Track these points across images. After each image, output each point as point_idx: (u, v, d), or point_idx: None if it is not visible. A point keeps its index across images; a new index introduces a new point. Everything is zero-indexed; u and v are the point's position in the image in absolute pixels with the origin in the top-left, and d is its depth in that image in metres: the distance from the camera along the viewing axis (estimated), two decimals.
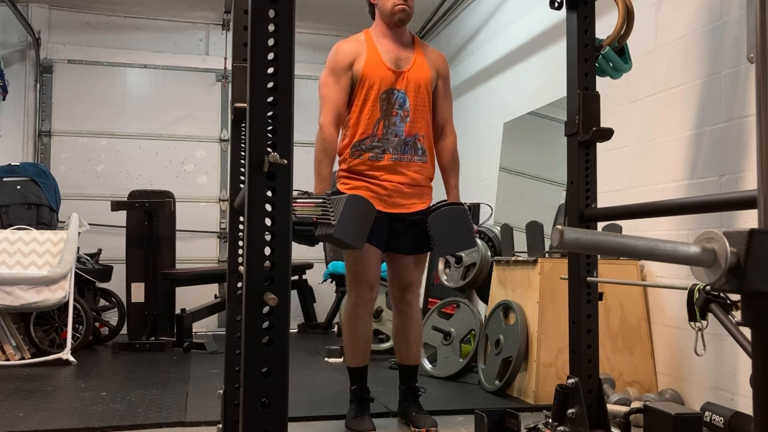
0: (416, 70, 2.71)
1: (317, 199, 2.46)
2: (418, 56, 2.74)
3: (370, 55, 2.68)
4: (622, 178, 3.43)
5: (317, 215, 2.41)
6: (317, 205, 2.44)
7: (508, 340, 3.32)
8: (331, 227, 2.37)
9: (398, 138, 2.66)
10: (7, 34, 6.00)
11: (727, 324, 1.37)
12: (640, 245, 1.10)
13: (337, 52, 2.72)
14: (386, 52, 2.70)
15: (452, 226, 2.56)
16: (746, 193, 1.66)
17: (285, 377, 1.24)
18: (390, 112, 2.65)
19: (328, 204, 2.43)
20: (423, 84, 2.70)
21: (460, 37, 5.88)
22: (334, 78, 2.68)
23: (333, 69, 2.69)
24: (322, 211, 2.41)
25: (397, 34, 2.73)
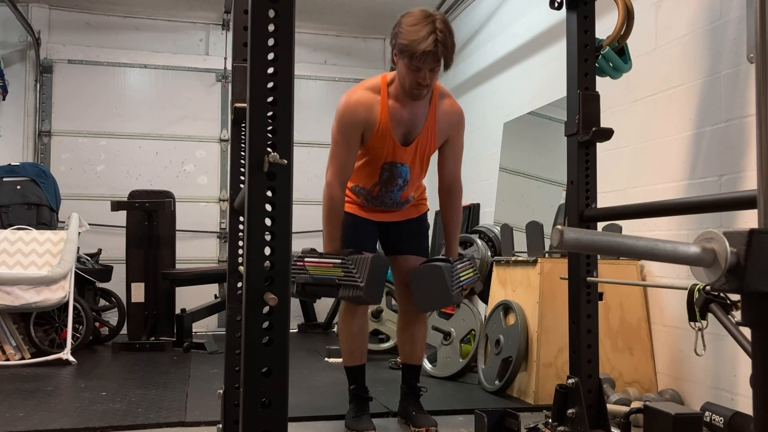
0: (423, 141, 2.62)
1: (335, 260, 2.44)
2: (429, 123, 2.60)
3: (382, 124, 2.54)
4: (622, 178, 3.43)
5: (339, 277, 2.41)
6: (336, 266, 2.42)
7: (508, 340, 3.32)
8: (359, 289, 2.38)
9: (392, 201, 2.72)
10: (7, 34, 6.00)
11: (727, 324, 1.37)
12: (640, 245, 1.10)
13: (349, 111, 2.54)
14: (397, 123, 2.56)
15: (429, 285, 2.53)
16: (746, 193, 1.66)
17: (285, 377, 1.24)
18: (390, 181, 2.66)
19: (349, 264, 2.42)
20: (426, 155, 2.68)
21: (460, 37, 5.88)
22: (344, 137, 2.54)
23: (344, 129, 2.54)
24: (344, 272, 2.41)
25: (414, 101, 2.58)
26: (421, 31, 2.37)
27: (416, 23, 2.39)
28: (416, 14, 2.42)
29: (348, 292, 2.41)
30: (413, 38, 2.37)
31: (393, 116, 2.55)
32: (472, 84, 5.60)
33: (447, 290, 2.50)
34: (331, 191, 2.54)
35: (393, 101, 2.56)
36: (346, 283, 2.40)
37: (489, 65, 5.29)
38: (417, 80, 2.44)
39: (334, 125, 2.57)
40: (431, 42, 2.36)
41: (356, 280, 2.39)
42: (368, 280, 2.39)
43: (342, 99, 2.58)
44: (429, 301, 2.58)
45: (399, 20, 2.46)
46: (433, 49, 2.37)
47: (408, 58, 2.40)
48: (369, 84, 2.60)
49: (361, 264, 2.41)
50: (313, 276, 2.43)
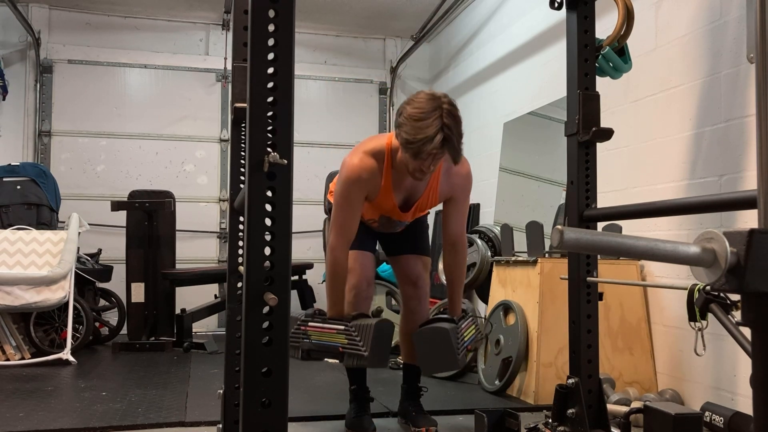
0: (423, 202, 2.61)
1: (338, 326, 2.41)
2: (431, 187, 2.57)
3: (383, 193, 2.53)
4: (622, 178, 3.43)
5: (343, 345, 2.38)
6: (339, 332, 2.40)
7: (508, 340, 3.32)
8: (363, 358, 2.35)
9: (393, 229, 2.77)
10: (7, 34, 5.99)
11: (727, 324, 1.37)
12: (640, 245, 1.10)
13: (353, 182, 2.47)
14: (399, 190, 2.55)
15: (436, 349, 2.47)
16: (746, 193, 1.66)
17: (285, 377, 1.24)
18: (389, 226, 2.72)
19: (353, 331, 2.38)
20: (425, 209, 2.69)
21: (460, 37, 5.88)
22: (348, 203, 2.48)
23: (347, 197, 2.48)
24: (348, 339, 2.38)
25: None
26: (428, 129, 2.22)
27: (422, 117, 2.24)
28: (422, 104, 2.27)
29: (352, 361, 2.37)
30: (419, 136, 2.23)
31: (395, 185, 2.53)
32: (472, 84, 5.60)
33: (453, 355, 2.44)
34: (335, 256, 2.48)
35: (395, 171, 2.50)
36: (350, 351, 2.37)
37: (489, 65, 5.29)
38: (421, 168, 2.34)
39: (338, 189, 2.50)
40: (438, 143, 2.23)
41: (360, 349, 2.35)
42: (372, 348, 2.34)
43: (346, 164, 2.50)
44: (434, 365, 2.52)
45: (404, 107, 2.32)
46: (440, 151, 2.26)
47: (412, 154, 2.29)
48: (372, 147, 2.51)
49: (364, 331, 2.36)
50: (315, 342, 2.41)
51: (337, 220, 2.50)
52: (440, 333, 2.47)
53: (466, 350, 2.56)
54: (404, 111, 2.31)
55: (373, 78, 6.77)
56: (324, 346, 2.40)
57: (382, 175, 2.50)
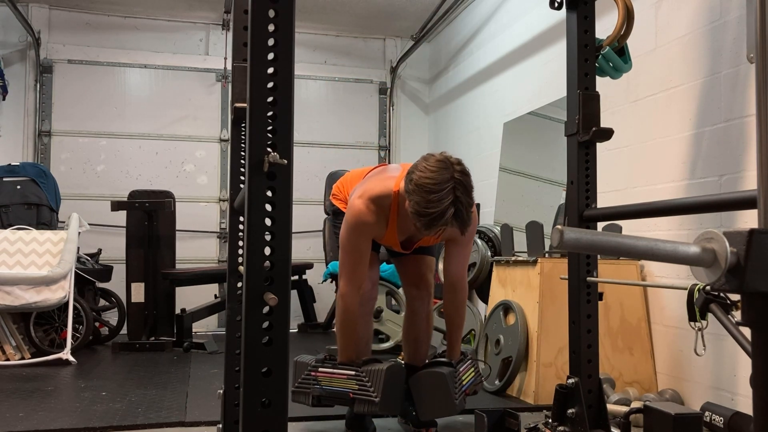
0: (425, 241, 2.61)
1: (348, 371, 2.39)
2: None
3: (388, 237, 2.53)
4: (622, 178, 3.43)
5: (353, 391, 2.36)
6: (349, 377, 2.37)
7: (508, 340, 3.32)
8: (374, 405, 2.32)
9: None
10: (7, 34, 5.99)
11: (727, 324, 1.37)
12: (640, 245, 1.10)
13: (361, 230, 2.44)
14: (404, 233, 2.54)
15: (433, 394, 2.46)
16: (746, 193, 1.66)
17: (285, 377, 1.24)
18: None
19: (363, 376, 2.36)
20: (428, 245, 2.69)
21: (460, 37, 5.88)
22: (355, 248, 2.45)
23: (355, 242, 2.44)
24: (358, 385, 2.36)
25: None
26: (439, 204, 2.14)
27: (433, 190, 2.15)
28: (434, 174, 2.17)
29: (363, 407, 2.35)
30: (430, 210, 2.15)
31: (400, 230, 2.51)
32: (472, 84, 5.60)
33: (451, 399, 2.43)
34: (346, 302, 2.45)
35: (401, 218, 2.46)
36: (360, 398, 2.35)
37: (489, 65, 5.29)
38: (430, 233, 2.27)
39: (344, 234, 2.46)
40: (449, 218, 2.16)
41: (371, 395, 2.32)
42: (384, 394, 2.32)
43: (353, 209, 2.44)
44: (432, 410, 2.50)
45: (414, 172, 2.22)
46: (450, 227, 2.21)
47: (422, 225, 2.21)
48: (380, 193, 2.45)
49: (375, 376, 2.34)
50: (325, 389, 2.39)
51: (345, 266, 2.46)
52: (437, 377, 2.45)
53: (465, 394, 2.54)
54: (415, 178, 2.20)
55: (373, 78, 6.78)
56: (334, 393, 2.38)
57: (388, 221, 2.47)
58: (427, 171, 2.18)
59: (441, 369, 2.48)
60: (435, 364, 2.56)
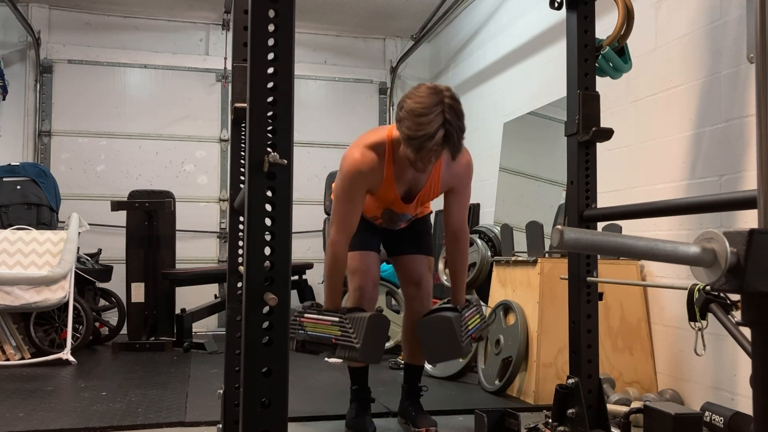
0: (425, 193, 2.60)
1: (332, 317, 2.40)
2: (433, 178, 2.56)
3: (385, 185, 2.51)
4: (622, 178, 3.43)
5: (336, 336, 2.37)
6: (333, 323, 2.38)
7: (508, 340, 3.32)
8: (355, 351, 2.33)
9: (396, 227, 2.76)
10: (7, 34, 5.99)
11: (727, 324, 1.37)
12: (640, 245, 1.10)
13: (354, 176, 2.45)
14: (401, 183, 2.54)
15: (438, 336, 2.48)
16: (746, 193, 1.66)
17: (285, 377, 1.24)
18: (392, 221, 2.70)
19: (346, 323, 2.37)
20: (428, 200, 2.68)
21: (460, 37, 5.88)
22: (348, 197, 2.46)
23: (347, 191, 2.46)
24: (341, 331, 2.37)
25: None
26: (429, 126, 2.18)
27: (423, 113, 2.19)
28: (423, 99, 2.22)
29: (344, 352, 2.36)
30: (420, 133, 2.19)
31: (397, 177, 2.52)
32: (472, 84, 5.60)
33: (457, 342, 2.44)
34: (336, 250, 2.46)
35: (397, 163, 2.48)
36: (342, 343, 2.36)
37: (489, 65, 5.29)
38: (422, 161, 2.30)
39: (338, 183, 2.48)
40: (439, 140, 2.20)
41: (352, 341, 2.34)
42: (365, 341, 2.33)
43: (346, 158, 2.48)
44: (438, 354, 2.52)
45: (405, 100, 2.27)
46: (440, 147, 2.23)
47: (413, 150, 2.25)
48: (373, 141, 2.49)
49: (358, 323, 2.36)
50: (309, 334, 2.39)
51: (337, 214, 2.49)
52: (443, 321, 2.48)
53: (471, 338, 2.57)
54: (405, 105, 2.25)
55: (373, 78, 6.77)
56: (318, 338, 2.39)
57: (384, 168, 2.48)
58: (416, 97, 2.24)
59: (447, 313, 2.51)
60: (441, 310, 2.59)
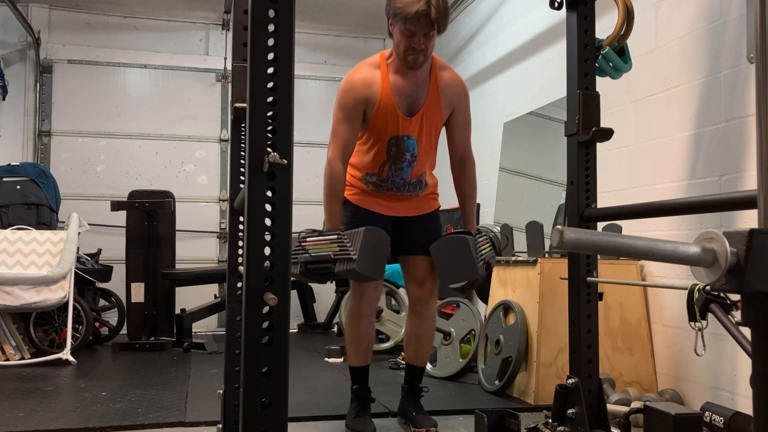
0: (428, 113, 2.60)
1: (331, 236, 2.42)
2: (432, 94, 2.60)
3: (384, 98, 2.55)
4: (622, 178, 3.43)
5: (334, 252, 2.38)
6: (332, 241, 2.40)
7: (508, 340, 3.32)
8: (352, 262, 2.35)
9: (403, 180, 2.67)
10: (7, 34, 5.99)
11: (727, 324, 1.37)
12: (640, 245, 1.10)
13: (349, 89, 2.56)
14: (399, 94, 2.56)
15: (453, 257, 2.51)
16: (746, 193, 1.66)
17: (285, 377, 1.24)
18: (399, 157, 2.63)
19: (344, 239, 2.39)
20: (434, 127, 2.66)
21: (460, 37, 5.88)
22: (345, 114, 2.55)
23: (344, 107, 2.56)
24: (339, 247, 2.39)
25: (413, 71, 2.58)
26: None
27: None
28: None
29: (343, 266, 2.38)
30: (406, 1, 2.41)
31: (395, 87, 2.57)
32: (472, 84, 5.59)
33: (472, 262, 2.50)
34: (333, 168, 2.55)
35: (393, 74, 2.58)
36: (341, 258, 2.38)
37: (489, 65, 5.29)
38: (411, 45, 2.46)
39: (336, 103, 2.58)
40: (424, 3, 2.38)
41: (350, 253, 2.36)
42: (361, 252, 2.35)
43: (344, 78, 2.62)
44: (453, 274, 2.57)
45: None
46: (426, 9, 2.38)
47: (401, 22, 2.43)
48: (369, 61, 2.64)
49: (355, 237, 2.39)
50: (311, 255, 2.40)
51: (335, 133, 2.58)
52: (460, 241, 2.53)
53: (484, 262, 2.59)
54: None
55: None
56: (319, 257, 2.40)
57: (380, 79, 2.57)
58: None
59: (462, 235, 2.56)
60: (454, 233, 2.62)
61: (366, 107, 2.56)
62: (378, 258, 2.46)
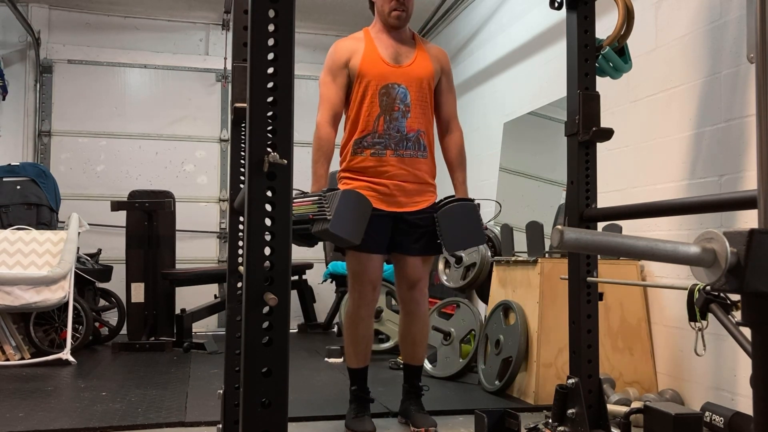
0: (418, 65, 2.69)
1: (313, 197, 2.44)
2: (419, 52, 2.72)
3: (368, 51, 2.67)
4: (622, 178, 3.43)
5: (313, 212, 2.40)
6: (313, 202, 2.42)
7: (508, 340, 3.32)
8: (327, 222, 2.34)
9: (400, 134, 2.63)
10: (7, 34, 5.99)
11: (727, 324, 1.37)
12: (640, 245, 1.10)
13: (334, 50, 2.72)
14: (385, 47, 2.69)
15: (461, 223, 2.54)
16: (746, 193, 1.66)
17: (285, 377, 1.24)
18: (391, 107, 2.63)
19: (324, 201, 2.40)
20: (425, 78, 2.68)
21: (460, 37, 5.88)
22: (331, 76, 2.68)
23: (330, 67, 2.70)
24: (318, 207, 2.40)
25: (396, 32, 2.73)
26: None
27: None
28: None
29: (319, 226, 2.38)
30: None
31: (378, 41, 2.70)
32: (472, 84, 5.60)
33: (480, 227, 2.55)
34: (320, 131, 2.66)
35: (377, 33, 2.73)
36: (318, 218, 2.39)
37: (489, 65, 5.29)
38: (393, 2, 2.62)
39: (322, 71, 2.71)
40: None
41: (326, 214, 2.36)
42: (337, 213, 2.34)
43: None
44: (459, 241, 2.59)
45: None
46: None
47: None
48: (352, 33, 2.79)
49: (332, 199, 2.39)
50: (294, 215, 2.40)
51: (322, 96, 2.69)
52: (469, 208, 2.57)
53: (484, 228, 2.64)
54: None
55: None
56: (300, 217, 2.41)
57: (364, 40, 2.71)
58: None
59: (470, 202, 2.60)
60: (453, 200, 2.63)
61: (351, 62, 2.66)
62: (355, 222, 2.41)
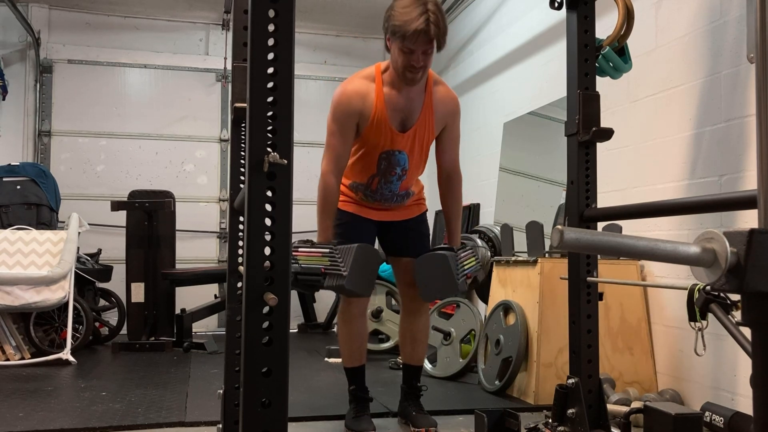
0: (421, 128, 2.59)
1: (323, 249, 2.42)
2: (426, 109, 2.59)
3: (377, 113, 2.53)
4: (622, 178, 3.43)
5: (325, 266, 2.38)
6: (324, 255, 2.40)
7: (508, 340, 3.32)
8: (342, 278, 2.36)
9: (392, 193, 2.69)
10: (7, 34, 5.99)
11: (727, 324, 1.37)
12: (640, 245, 1.10)
13: (343, 102, 2.54)
14: (393, 109, 2.55)
15: (435, 274, 2.52)
16: (746, 193, 1.66)
17: (285, 377, 1.24)
18: (389, 171, 2.63)
19: (336, 254, 2.40)
20: (426, 142, 2.65)
21: (460, 37, 5.88)
22: (338, 126, 2.54)
23: (338, 118, 2.54)
24: (330, 261, 2.39)
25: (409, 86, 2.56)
26: (413, 12, 2.36)
27: (408, 5, 2.39)
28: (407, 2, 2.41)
29: (332, 281, 2.38)
30: (405, 18, 2.37)
31: (389, 102, 2.54)
32: (472, 84, 5.60)
33: (452, 279, 2.50)
34: (326, 181, 2.54)
35: (388, 88, 2.55)
36: (331, 272, 2.38)
37: (489, 65, 5.29)
38: (410, 62, 2.43)
39: (330, 115, 2.56)
40: (423, 21, 2.35)
41: (340, 269, 2.37)
42: (352, 269, 2.36)
43: (337, 89, 2.58)
44: (434, 291, 2.57)
45: (391, 4, 2.46)
46: (425, 27, 2.35)
47: (400, 39, 2.39)
48: (364, 74, 2.60)
49: (346, 253, 2.40)
50: (302, 266, 2.40)
51: (329, 146, 2.56)
52: (439, 258, 2.54)
53: (467, 278, 2.60)
54: (392, 6, 2.44)
55: None
56: (309, 269, 2.39)
57: (374, 93, 2.54)
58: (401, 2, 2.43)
59: (443, 252, 2.56)
60: (436, 249, 2.63)
61: (359, 120, 2.54)
62: (368, 275, 2.47)
